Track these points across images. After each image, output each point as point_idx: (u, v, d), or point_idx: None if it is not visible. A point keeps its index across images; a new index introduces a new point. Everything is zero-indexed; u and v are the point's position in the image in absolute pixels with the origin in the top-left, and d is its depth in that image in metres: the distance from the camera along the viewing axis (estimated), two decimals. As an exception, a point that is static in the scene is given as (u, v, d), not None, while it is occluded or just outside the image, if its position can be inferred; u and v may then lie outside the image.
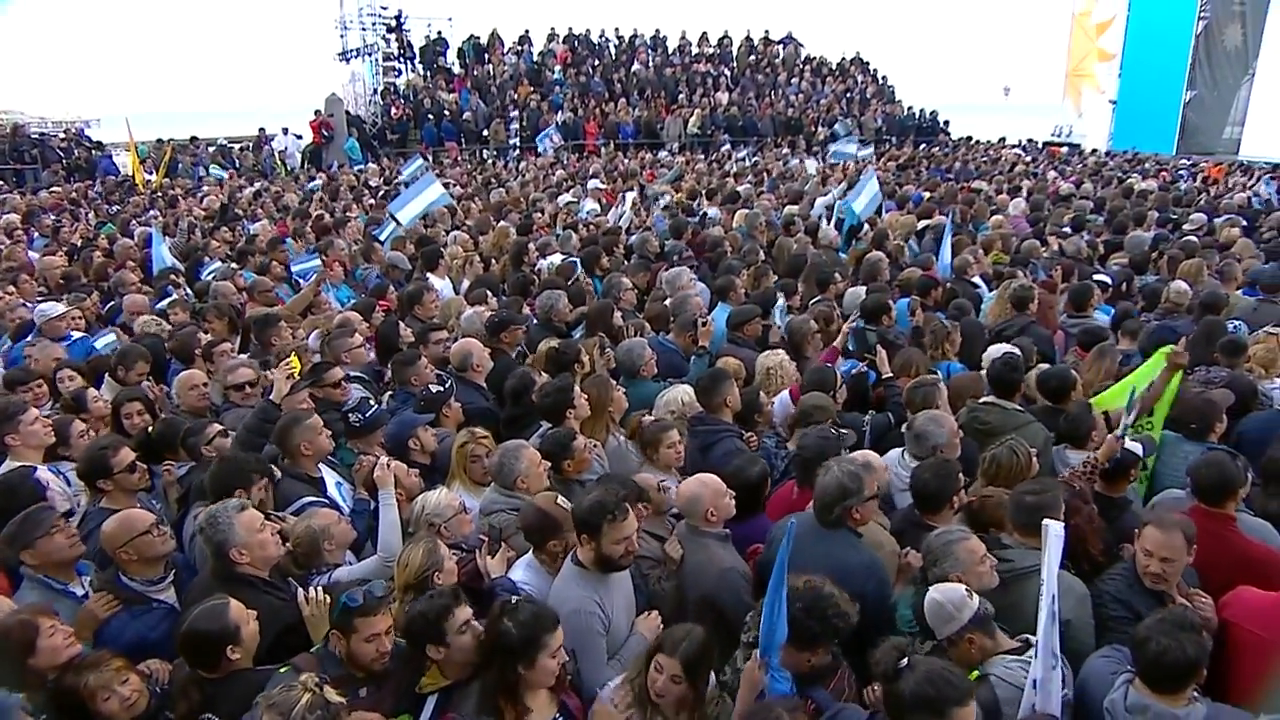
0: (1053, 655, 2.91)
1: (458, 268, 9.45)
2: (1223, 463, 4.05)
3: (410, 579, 3.50)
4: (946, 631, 3.10)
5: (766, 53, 33.34)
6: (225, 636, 3.06)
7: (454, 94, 28.16)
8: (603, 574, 3.53)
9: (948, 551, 3.34)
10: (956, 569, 3.32)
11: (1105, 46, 30.82)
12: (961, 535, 3.40)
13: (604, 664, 3.44)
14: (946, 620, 3.10)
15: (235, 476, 4.13)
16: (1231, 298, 8.15)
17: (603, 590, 3.52)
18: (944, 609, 3.11)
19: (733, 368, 5.60)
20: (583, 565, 3.54)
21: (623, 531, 3.46)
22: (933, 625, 3.12)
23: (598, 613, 3.46)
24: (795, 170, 20.22)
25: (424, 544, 3.59)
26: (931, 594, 3.15)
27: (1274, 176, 18.23)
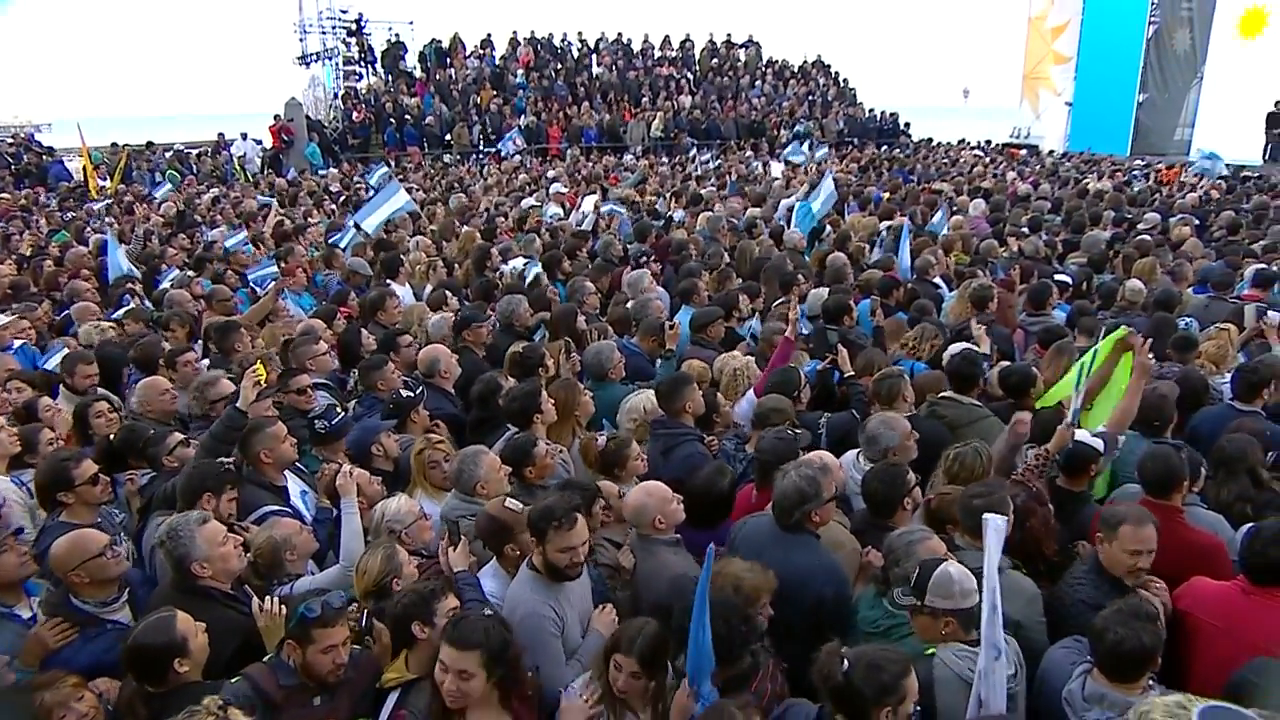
0: (994, 647, 2.95)
1: (420, 273, 9.37)
2: (1168, 456, 4.14)
3: (370, 585, 3.50)
4: (941, 603, 3.11)
5: (728, 56, 33.49)
6: (171, 650, 3.00)
7: (416, 98, 27.97)
8: (555, 581, 3.50)
9: (910, 552, 3.36)
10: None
11: (1061, 50, 31.30)
12: (923, 535, 3.43)
13: (562, 664, 3.44)
14: (946, 595, 3.10)
15: (207, 482, 4.07)
16: (1184, 296, 8.34)
17: (557, 594, 3.50)
18: (952, 584, 3.11)
19: (697, 370, 5.62)
20: (537, 570, 3.54)
21: (568, 540, 3.42)
22: (931, 591, 3.10)
23: (550, 615, 3.44)
24: (758, 173, 20.33)
25: (382, 550, 3.59)
26: (948, 566, 3.14)
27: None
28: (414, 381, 5.96)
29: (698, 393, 5.02)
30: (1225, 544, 4.03)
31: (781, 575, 3.40)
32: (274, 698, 3.02)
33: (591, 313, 7.43)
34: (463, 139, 26.14)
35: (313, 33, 30.13)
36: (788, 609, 3.36)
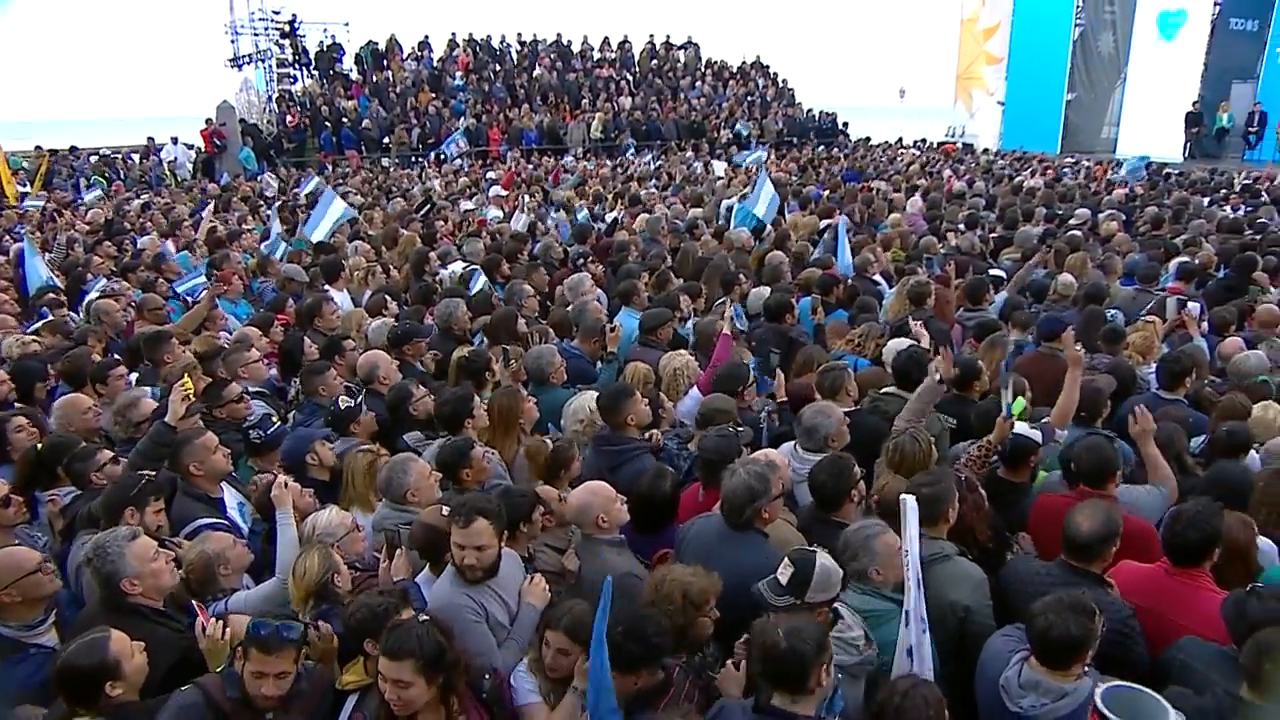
0: (921, 620, 3.06)
1: (359, 278, 9.22)
2: (1101, 447, 4.25)
3: (311, 586, 3.44)
4: (821, 597, 3.18)
5: (668, 57, 33.62)
6: (104, 672, 2.88)
7: (352, 101, 27.55)
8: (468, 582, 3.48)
9: (867, 546, 3.40)
10: (875, 563, 3.39)
11: (992, 50, 32.06)
12: (879, 529, 3.45)
13: (493, 646, 3.42)
14: (826, 588, 3.19)
15: (128, 496, 3.93)
16: (1112, 288, 8.60)
17: (476, 590, 3.46)
18: (830, 576, 3.21)
19: (641, 373, 5.60)
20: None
21: (470, 539, 3.37)
22: (814, 588, 3.17)
23: (469, 604, 3.41)
24: (699, 173, 20.44)
25: (318, 550, 3.54)
26: (823, 560, 3.21)
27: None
28: (356, 388, 5.87)
29: (641, 403, 4.95)
30: (1154, 529, 4.14)
31: (731, 575, 3.43)
32: (224, 708, 2.94)
33: (531, 316, 7.38)
34: (402, 142, 25.81)
35: (245, 34, 29.43)
36: (738, 609, 3.36)
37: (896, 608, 3.28)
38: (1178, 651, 3.31)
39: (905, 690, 2.71)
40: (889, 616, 3.30)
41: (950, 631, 3.48)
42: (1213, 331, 7.37)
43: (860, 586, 3.41)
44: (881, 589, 3.41)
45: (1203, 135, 25.86)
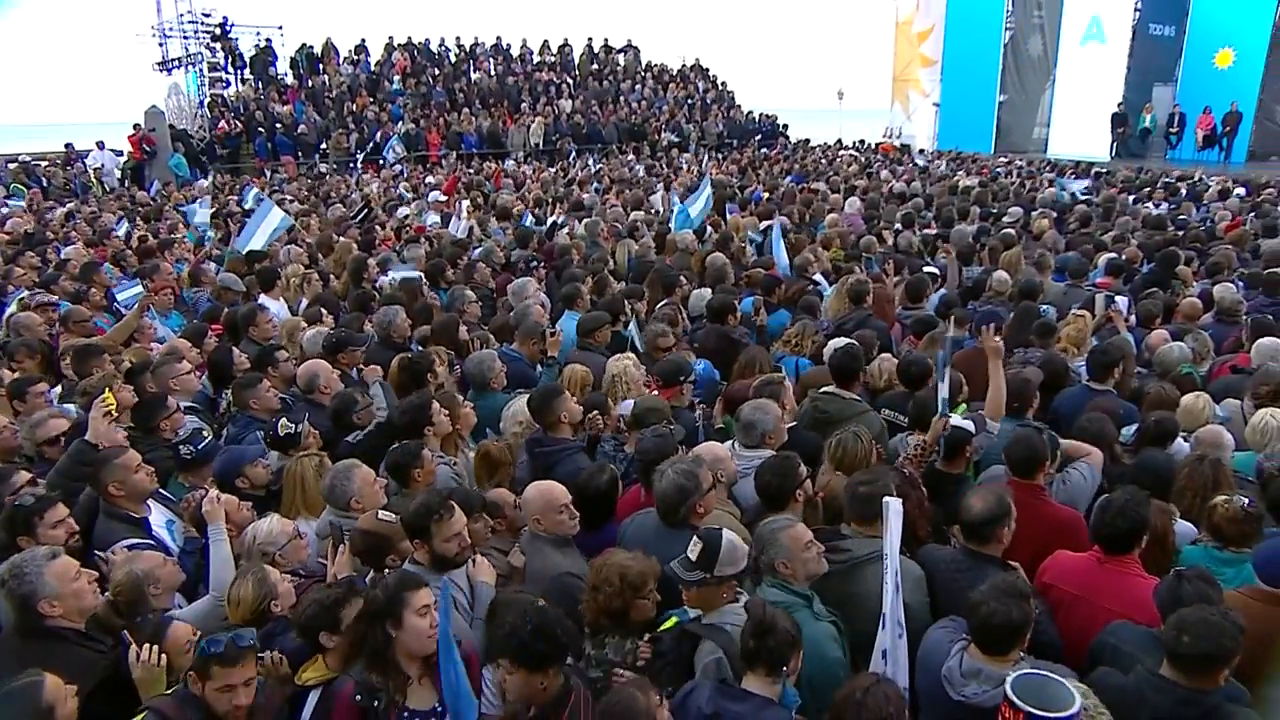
0: (898, 625, 3.08)
1: (295, 286, 9.01)
2: (1030, 438, 4.35)
3: (246, 614, 3.36)
4: (729, 570, 3.24)
5: (608, 60, 33.66)
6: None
7: (288, 106, 27.03)
8: (439, 573, 3.54)
9: (773, 539, 3.42)
10: (781, 555, 3.40)
11: (927, 53, 32.75)
12: (787, 523, 3.48)
13: (466, 628, 3.48)
14: (733, 561, 3.24)
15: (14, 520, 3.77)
16: (1044, 284, 8.81)
17: (436, 579, 3.49)
18: (736, 551, 3.26)
19: (579, 376, 5.58)
20: (419, 563, 3.58)
21: (452, 528, 3.51)
22: (721, 560, 3.22)
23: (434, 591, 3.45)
24: (639, 176, 20.50)
25: (252, 575, 3.45)
26: (729, 535, 3.27)
27: (1077, 175, 19.85)
28: (292, 399, 5.75)
29: (571, 401, 4.96)
30: (1081, 517, 4.26)
31: (669, 572, 3.45)
32: None
33: (473, 321, 7.30)
34: (339, 147, 25.39)
35: (174, 37, 28.67)
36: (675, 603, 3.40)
37: (803, 602, 3.35)
38: (1109, 636, 3.39)
39: (866, 686, 2.73)
40: (795, 609, 3.28)
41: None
42: (1139, 324, 7.58)
43: (770, 580, 3.42)
44: (790, 583, 3.41)
45: (1128, 136, 26.79)
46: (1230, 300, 7.81)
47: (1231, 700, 2.95)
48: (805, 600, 3.36)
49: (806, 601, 3.36)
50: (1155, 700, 2.93)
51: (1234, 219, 13.19)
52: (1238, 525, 3.76)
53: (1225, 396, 5.85)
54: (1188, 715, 2.88)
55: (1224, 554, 3.85)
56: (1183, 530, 4.18)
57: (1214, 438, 4.90)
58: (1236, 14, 25.18)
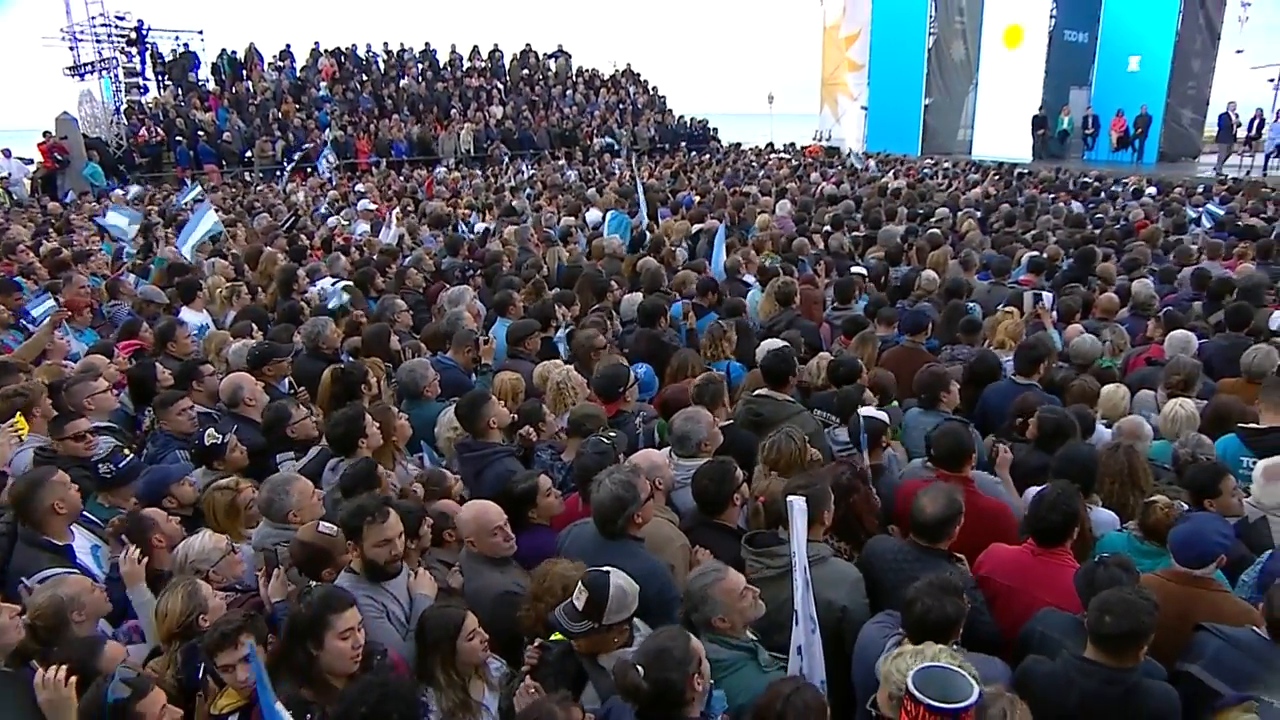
0: (810, 619, 3.09)
1: (222, 298, 8.75)
2: (957, 432, 4.46)
3: (172, 627, 3.28)
4: (618, 617, 3.10)
5: (539, 66, 33.58)
6: None
7: (210, 113, 26.33)
8: (372, 583, 3.51)
9: (705, 596, 3.26)
10: (717, 611, 3.24)
11: (854, 57, 33.30)
12: (716, 575, 3.29)
13: (400, 642, 3.45)
14: (622, 608, 3.11)
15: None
16: (970, 282, 9.02)
17: (375, 590, 3.51)
18: (626, 596, 3.12)
19: (508, 383, 5.53)
20: (354, 572, 3.54)
21: (383, 533, 3.48)
22: (609, 610, 3.07)
23: (371, 603, 3.44)
24: (571, 181, 20.48)
25: (182, 588, 3.35)
26: (617, 579, 3.11)
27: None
28: (218, 414, 5.57)
29: (499, 406, 4.94)
30: (1010, 507, 4.39)
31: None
32: None
33: (404, 330, 7.18)
34: (265, 155, 24.81)
35: (85, 41, 27.59)
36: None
37: (747, 655, 3.26)
38: (1037, 623, 3.49)
39: (788, 695, 2.72)
40: (739, 665, 3.23)
41: (828, 631, 3.52)
42: (1060, 320, 7.81)
43: (708, 636, 3.22)
44: (728, 636, 3.27)
45: (1047, 137, 27.63)
46: (1145, 295, 8.11)
47: (1150, 676, 3.07)
48: (749, 653, 3.27)
49: (751, 654, 3.27)
50: (1082, 682, 3.03)
51: (1145, 217, 13.72)
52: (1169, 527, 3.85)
53: (1141, 388, 6.07)
54: (1112, 694, 2.99)
55: (1146, 546, 3.98)
56: (1101, 518, 4.31)
57: (1134, 428, 5.08)
58: (1143, 21, 26.27)
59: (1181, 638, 3.38)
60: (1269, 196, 16.62)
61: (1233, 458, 4.92)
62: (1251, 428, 5.08)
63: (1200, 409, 5.39)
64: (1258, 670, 3.10)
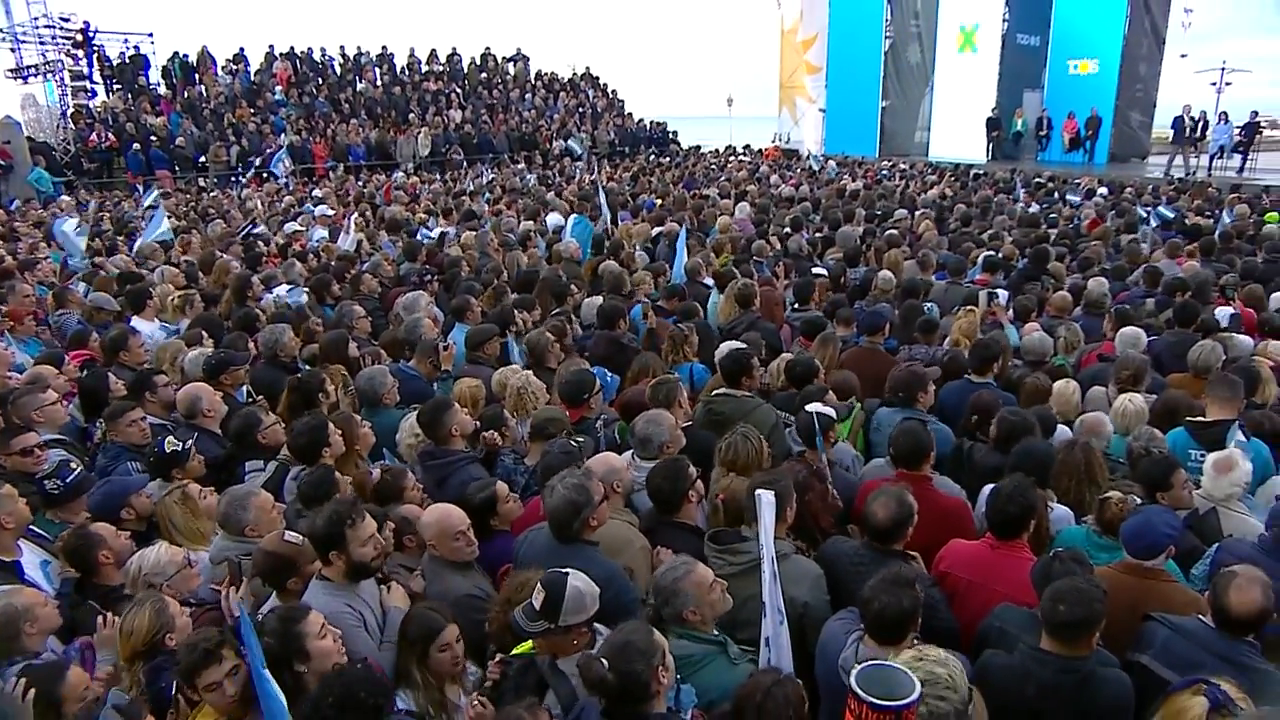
0: (779, 612, 3.11)
1: (174, 307, 8.58)
2: (915, 431, 4.50)
3: (138, 646, 3.19)
4: (575, 619, 3.08)
5: (497, 69, 33.45)
6: None
7: (161, 117, 25.83)
8: (353, 583, 3.49)
9: (676, 590, 3.27)
10: (689, 604, 3.26)
11: (812, 60, 33.62)
12: (686, 568, 3.32)
13: (375, 649, 3.42)
14: (579, 610, 3.09)
15: None
16: (927, 282, 9.14)
17: (352, 597, 3.48)
18: (584, 599, 3.10)
19: (468, 390, 5.48)
20: (327, 579, 3.50)
21: (366, 531, 3.48)
22: (565, 610, 3.06)
23: (347, 610, 3.41)
24: (531, 185, 20.42)
25: (150, 605, 3.26)
26: (575, 582, 3.10)
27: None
28: (173, 425, 5.46)
29: (461, 413, 4.90)
30: (967, 504, 4.45)
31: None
32: None
33: (363, 337, 7.10)
34: (219, 160, 24.39)
35: (28, 43, 26.94)
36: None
37: (717, 649, 3.28)
38: (994, 619, 3.54)
39: (767, 688, 2.73)
40: (709, 659, 3.25)
41: (791, 627, 3.54)
42: (1016, 318, 7.93)
43: (679, 630, 3.27)
44: (699, 630, 3.30)
45: (1002, 139, 28.08)
46: (1098, 293, 8.26)
47: (1103, 665, 3.14)
48: (719, 645, 3.29)
49: (720, 647, 3.29)
50: (1038, 673, 3.09)
51: (1096, 217, 14.01)
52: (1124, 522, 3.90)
53: (1093, 384, 6.18)
54: (1068, 683, 3.05)
55: (1102, 540, 4.06)
56: (1058, 514, 4.39)
57: (1095, 425, 5.17)
58: (1092, 25, 26.88)
59: (1133, 628, 3.44)
60: (1215, 197, 17.04)
61: (1181, 451, 5.04)
62: (1198, 421, 5.21)
63: (1150, 404, 5.51)
64: (1204, 658, 3.17)
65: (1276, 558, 3.78)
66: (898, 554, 3.79)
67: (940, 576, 3.90)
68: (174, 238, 12.67)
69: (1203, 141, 23.43)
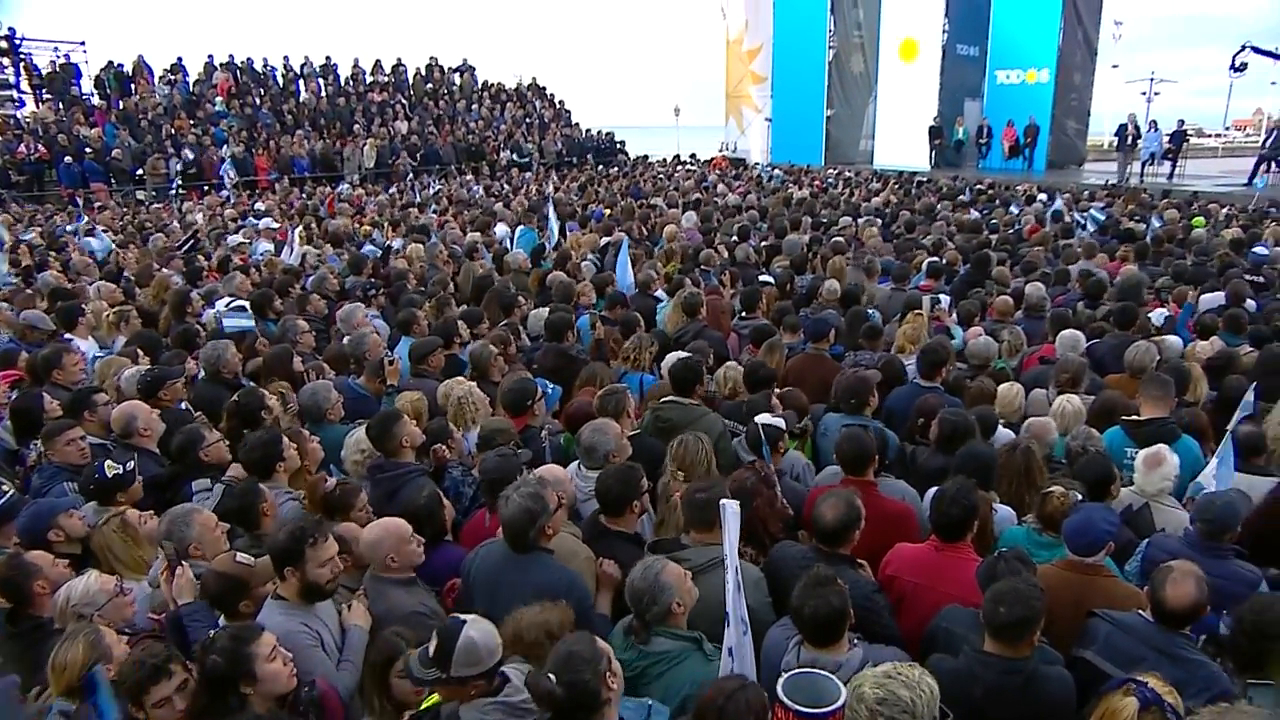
0: (742, 622, 3.10)
1: (108, 323, 8.34)
2: (858, 437, 4.55)
3: (73, 680, 3.04)
4: (468, 671, 2.87)
5: (443, 80, 33.25)
6: None
7: (96, 129, 25.10)
8: (307, 604, 3.43)
9: (659, 584, 3.23)
10: (673, 596, 3.25)
11: (757, 70, 34.00)
12: (659, 564, 3.33)
13: (333, 670, 3.38)
14: (472, 662, 2.88)
15: None
16: (871, 288, 9.27)
17: (309, 616, 3.43)
18: (477, 651, 2.88)
19: (410, 403, 5.42)
20: (283, 598, 3.44)
21: (326, 552, 3.45)
22: (456, 660, 2.85)
23: (304, 629, 3.36)
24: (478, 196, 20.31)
25: (83, 637, 3.13)
26: (469, 632, 2.87)
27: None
28: (112, 444, 5.28)
29: (411, 424, 4.85)
30: (914, 509, 4.50)
31: (523, 595, 3.38)
32: None
33: (307, 352, 6.98)
34: (157, 173, 23.80)
35: (-51, 51, 26.01)
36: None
37: (693, 645, 3.26)
38: (941, 620, 3.59)
39: (730, 692, 2.70)
40: (685, 655, 3.23)
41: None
42: (960, 323, 8.08)
43: (659, 629, 3.26)
44: (676, 627, 3.29)
45: (944, 147, 28.65)
46: (1036, 297, 8.44)
47: (1047, 664, 3.21)
48: (695, 643, 3.28)
49: (696, 644, 3.28)
50: (983, 675, 3.14)
51: (1035, 223, 14.35)
52: (1065, 516, 4.00)
53: (1035, 386, 6.31)
54: (1013, 683, 3.10)
55: (1044, 537, 4.15)
56: (1000, 514, 4.48)
57: (1041, 430, 5.29)
58: (1028, 36, 27.63)
59: (1078, 625, 3.52)
60: (1148, 202, 17.59)
61: (1118, 449, 5.17)
62: (1133, 419, 5.35)
63: (1089, 404, 5.65)
64: (1144, 652, 3.26)
65: (1201, 551, 3.91)
66: (845, 558, 3.82)
67: (887, 581, 3.93)
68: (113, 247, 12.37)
69: (1133, 150, 24.18)
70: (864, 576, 3.83)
